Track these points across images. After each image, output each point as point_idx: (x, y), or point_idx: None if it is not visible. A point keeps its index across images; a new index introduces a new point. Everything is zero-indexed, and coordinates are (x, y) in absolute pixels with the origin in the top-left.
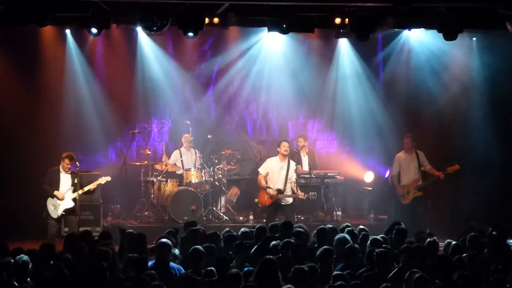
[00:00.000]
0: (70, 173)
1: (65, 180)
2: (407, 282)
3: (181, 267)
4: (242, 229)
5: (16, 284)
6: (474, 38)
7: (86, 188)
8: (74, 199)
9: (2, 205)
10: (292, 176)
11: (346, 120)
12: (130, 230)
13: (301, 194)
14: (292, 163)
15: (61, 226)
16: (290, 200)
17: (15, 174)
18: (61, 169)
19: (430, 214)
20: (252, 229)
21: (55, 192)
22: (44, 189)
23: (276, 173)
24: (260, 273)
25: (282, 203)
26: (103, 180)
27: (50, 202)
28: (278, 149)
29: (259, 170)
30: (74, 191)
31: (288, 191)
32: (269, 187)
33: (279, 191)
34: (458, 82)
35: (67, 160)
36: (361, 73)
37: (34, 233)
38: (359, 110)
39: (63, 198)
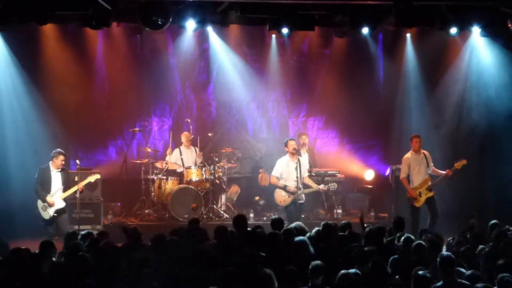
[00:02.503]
0: (60, 171)
1: (56, 178)
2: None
3: None
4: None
5: None
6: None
7: (73, 189)
8: (64, 199)
9: (2, 203)
10: (305, 172)
11: (346, 117)
12: (134, 226)
13: (322, 187)
14: (303, 160)
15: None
16: (303, 199)
17: (15, 172)
18: (51, 167)
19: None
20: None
21: (47, 199)
22: (36, 191)
23: (288, 173)
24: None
25: (300, 202)
26: (92, 178)
27: (40, 204)
28: (286, 149)
29: (272, 173)
30: (64, 191)
31: (303, 188)
32: (287, 185)
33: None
34: (460, 82)
35: (61, 157)
36: (358, 71)
37: (32, 232)
38: (355, 108)
39: (53, 205)
